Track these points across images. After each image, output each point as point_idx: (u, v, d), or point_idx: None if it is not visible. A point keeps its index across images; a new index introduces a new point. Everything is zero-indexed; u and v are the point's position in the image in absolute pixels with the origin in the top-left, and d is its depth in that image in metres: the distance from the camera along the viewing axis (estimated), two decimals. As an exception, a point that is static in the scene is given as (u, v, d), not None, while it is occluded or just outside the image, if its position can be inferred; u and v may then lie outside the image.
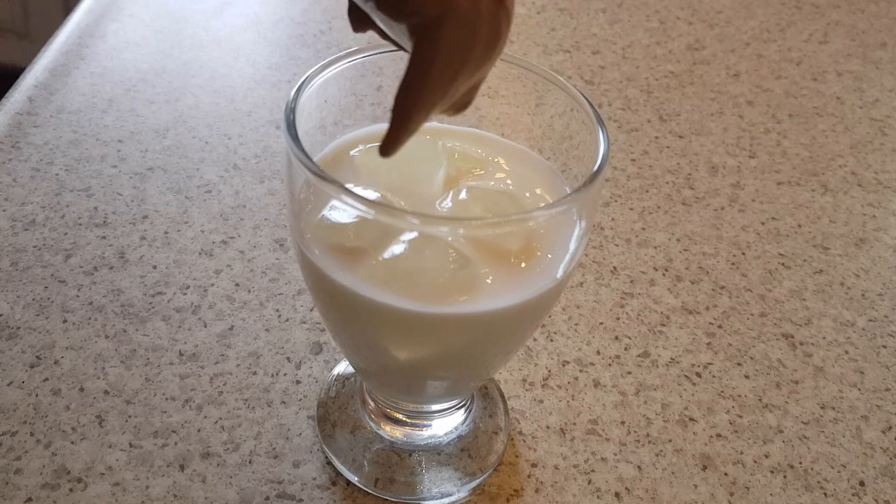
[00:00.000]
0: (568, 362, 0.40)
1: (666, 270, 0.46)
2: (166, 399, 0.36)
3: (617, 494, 0.35)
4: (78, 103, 0.53)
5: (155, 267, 0.42)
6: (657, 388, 0.39)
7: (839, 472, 0.36)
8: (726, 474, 0.36)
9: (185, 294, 0.41)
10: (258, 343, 0.39)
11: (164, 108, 0.53)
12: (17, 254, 0.42)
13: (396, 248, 0.26)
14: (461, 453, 0.35)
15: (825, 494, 0.35)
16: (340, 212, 0.26)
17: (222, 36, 0.62)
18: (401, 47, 0.27)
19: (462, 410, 0.36)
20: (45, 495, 0.32)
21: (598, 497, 0.34)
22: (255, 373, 0.38)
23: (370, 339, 0.30)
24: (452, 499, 0.34)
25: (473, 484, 0.34)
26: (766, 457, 0.37)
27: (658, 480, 0.35)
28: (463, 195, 0.29)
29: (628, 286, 0.45)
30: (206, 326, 0.40)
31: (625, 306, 0.43)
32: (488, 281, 0.26)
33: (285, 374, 0.38)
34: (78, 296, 0.40)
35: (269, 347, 0.39)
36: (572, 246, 0.28)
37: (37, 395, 0.36)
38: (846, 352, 0.42)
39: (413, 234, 0.26)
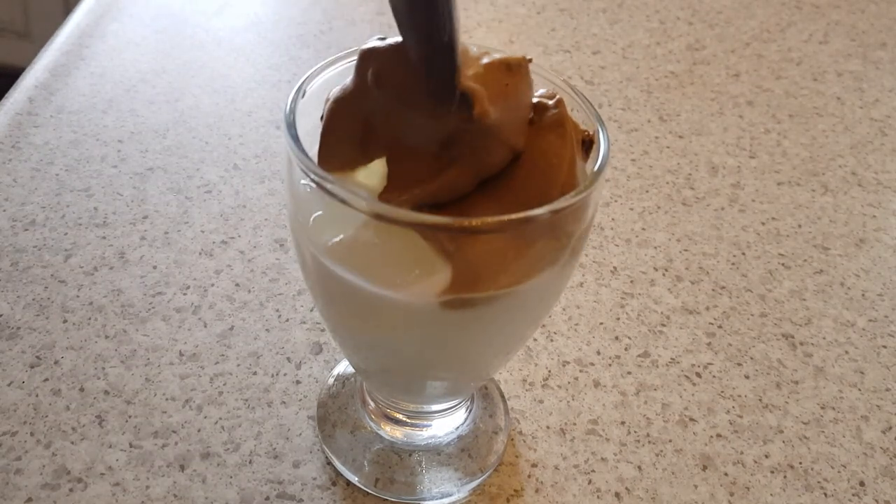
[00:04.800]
0: (568, 362, 0.40)
1: (666, 270, 0.46)
2: (166, 399, 0.36)
3: (617, 494, 0.35)
4: (78, 103, 0.53)
5: (155, 267, 0.42)
6: (657, 389, 0.39)
7: (839, 472, 0.36)
8: (726, 474, 0.36)
9: (185, 294, 0.41)
10: (258, 343, 0.39)
11: (164, 108, 0.53)
12: (17, 254, 0.42)
13: (397, 246, 0.26)
14: (461, 453, 0.35)
15: (825, 494, 0.35)
16: (340, 211, 0.26)
17: (222, 36, 0.62)
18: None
19: (462, 410, 0.36)
20: (45, 495, 0.32)
21: (598, 497, 0.34)
22: (255, 373, 0.38)
23: (371, 338, 0.30)
24: (452, 499, 0.34)
25: (473, 484, 0.34)
26: (767, 457, 0.37)
27: (658, 480, 0.35)
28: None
29: (628, 286, 0.45)
30: (206, 326, 0.40)
31: (625, 306, 0.43)
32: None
33: (285, 375, 0.38)
34: (78, 296, 0.40)
35: (269, 347, 0.39)
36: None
37: (37, 396, 0.36)
38: (846, 352, 0.42)
39: (413, 233, 0.26)
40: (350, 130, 0.27)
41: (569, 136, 0.26)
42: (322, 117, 0.28)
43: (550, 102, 0.26)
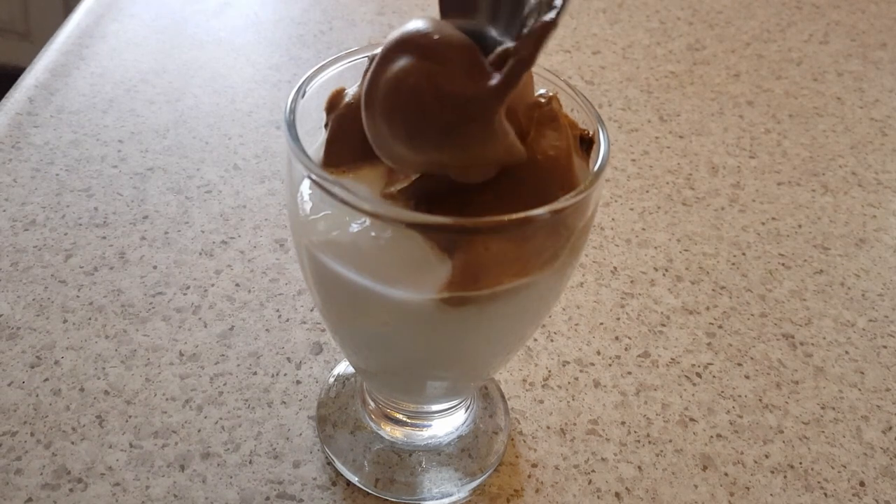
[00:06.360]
0: (568, 362, 0.40)
1: (666, 271, 0.46)
2: (166, 399, 0.36)
3: (617, 495, 0.35)
4: (78, 103, 0.53)
5: (155, 267, 0.42)
6: (657, 389, 0.39)
7: (839, 472, 0.36)
8: (726, 474, 0.36)
9: (185, 294, 0.41)
10: (258, 343, 0.39)
11: (164, 108, 0.53)
12: (17, 254, 0.42)
13: (397, 245, 0.26)
14: (461, 453, 0.35)
15: (825, 495, 0.35)
16: (340, 211, 0.26)
17: (222, 36, 0.62)
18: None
19: (462, 410, 0.36)
20: (45, 495, 0.32)
21: (598, 497, 0.34)
22: (255, 373, 0.38)
23: (371, 337, 0.30)
24: (453, 499, 0.34)
25: (474, 484, 0.34)
26: (767, 457, 0.37)
27: (658, 480, 0.35)
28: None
29: (628, 286, 0.45)
30: (206, 326, 0.40)
31: (625, 306, 0.43)
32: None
33: (285, 375, 0.38)
34: (78, 296, 0.40)
35: (269, 347, 0.39)
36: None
37: (37, 396, 0.36)
38: (846, 352, 0.42)
39: (413, 231, 0.26)
40: (357, 133, 0.27)
41: (564, 129, 0.26)
42: (327, 124, 0.28)
43: (543, 100, 0.26)
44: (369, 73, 0.24)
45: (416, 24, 0.24)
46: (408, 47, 0.23)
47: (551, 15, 0.23)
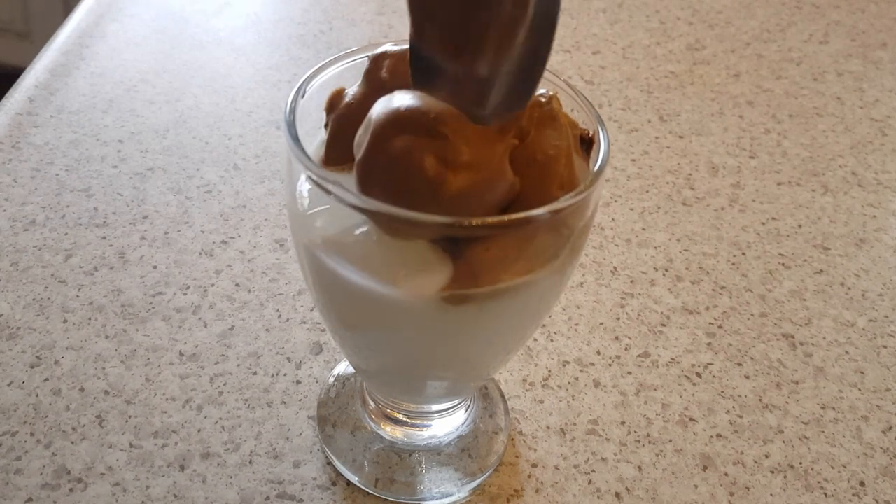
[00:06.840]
0: (568, 362, 0.40)
1: (666, 271, 0.46)
2: (166, 399, 0.36)
3: (617, 494, 0.35)
4: (78, 103, 0.53)
5: (155, 267, 0.42)
6: (657, 389, 0.39)
7: (839, 472, 0.36)
8: (726, 474, 0.36)
9: (185, 294, 0.41)
10: (258, 343, 0.39)
11: (164, 108, 0.53)
12: (17, 254, 0.42)
13: (398, 244, 0.26)
14: (461, 453, 0.35)
15: (825, 495, 0.35)
16: (340, 211, 0.26)
17: (222, 36, 0.62)
18: None
19: (462, 410, 0.36)
20: (45, 495, 0.32)
21: (598, 497, 0.34)
22: (255, 373, 0.38)
23: (372, 337, 0.30)
24: (452, 499, 0.34)
25: (474, 484, 0.34)
26: (767, 457, 0.37)
27: (658, 480, 0.35)
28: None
29: (628, 286, 0.45)
30: (206, 326, 0.40)
31: (625, 306, 0.43)
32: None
33: (285, 375, 0.38)
34: (78, 296, 0.40)
35: (269, 347, 0.39)
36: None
37: (37, 396, 0.36)
38: (846, 352, 0.42)
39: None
40: (356, 132, 0.27)
41: (564, 129, 0.26)
42: (327, 124, 0.28)
43: (543, 100, 0.26)
44: (363, 156, 0.24)
45: (402, 101, 0.24)
46: (404, 126, 0.24)
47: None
